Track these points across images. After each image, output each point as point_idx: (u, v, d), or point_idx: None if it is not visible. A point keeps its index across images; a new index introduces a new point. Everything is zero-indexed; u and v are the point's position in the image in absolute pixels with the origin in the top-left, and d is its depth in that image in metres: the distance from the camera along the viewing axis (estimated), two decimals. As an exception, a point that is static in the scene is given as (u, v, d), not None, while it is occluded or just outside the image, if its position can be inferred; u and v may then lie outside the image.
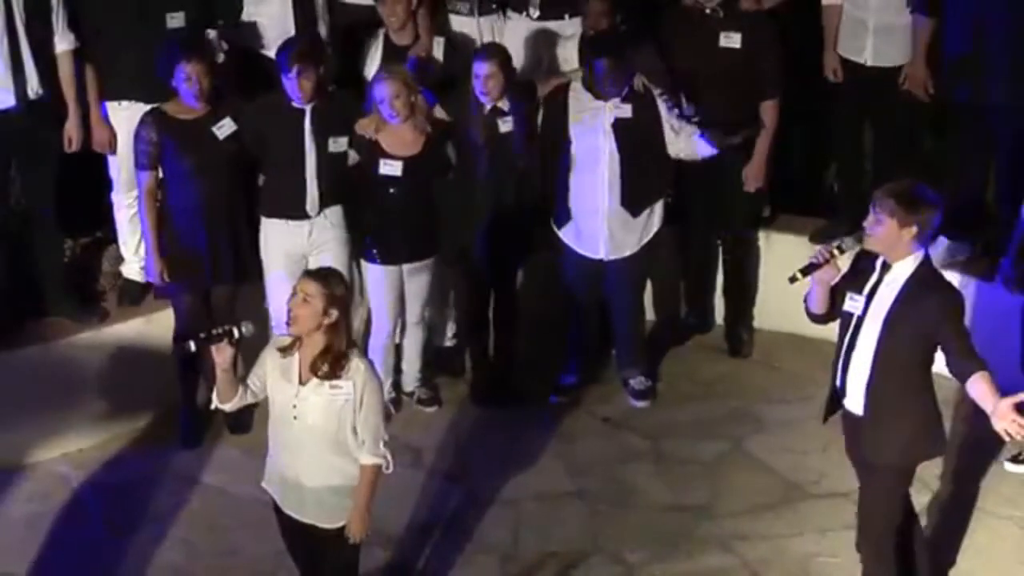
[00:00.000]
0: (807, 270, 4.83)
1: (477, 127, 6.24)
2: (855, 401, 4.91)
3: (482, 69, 6.16)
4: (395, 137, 6.13)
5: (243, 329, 4.62)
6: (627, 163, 6.27)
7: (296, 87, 5.98)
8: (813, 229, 6.93)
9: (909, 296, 4.73)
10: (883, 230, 4.69)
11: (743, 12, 6.52)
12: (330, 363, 4.61)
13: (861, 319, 4.81)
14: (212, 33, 6.22)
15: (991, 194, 6.62)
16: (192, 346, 4.71)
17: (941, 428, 4.93)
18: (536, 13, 6.83)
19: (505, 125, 6.26)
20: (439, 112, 6.31)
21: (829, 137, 7.13)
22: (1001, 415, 4.52)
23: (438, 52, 6.60)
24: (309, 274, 4.70)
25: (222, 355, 4.62)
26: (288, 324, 4.58)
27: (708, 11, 6.48)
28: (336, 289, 4.60)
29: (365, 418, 4.64)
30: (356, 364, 4.70)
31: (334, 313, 4.56)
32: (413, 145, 6.13)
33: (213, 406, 4.83)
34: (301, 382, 4.61)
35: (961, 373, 4.66)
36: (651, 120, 6.28)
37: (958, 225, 6.44)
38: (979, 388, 4.60)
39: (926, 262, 4.78)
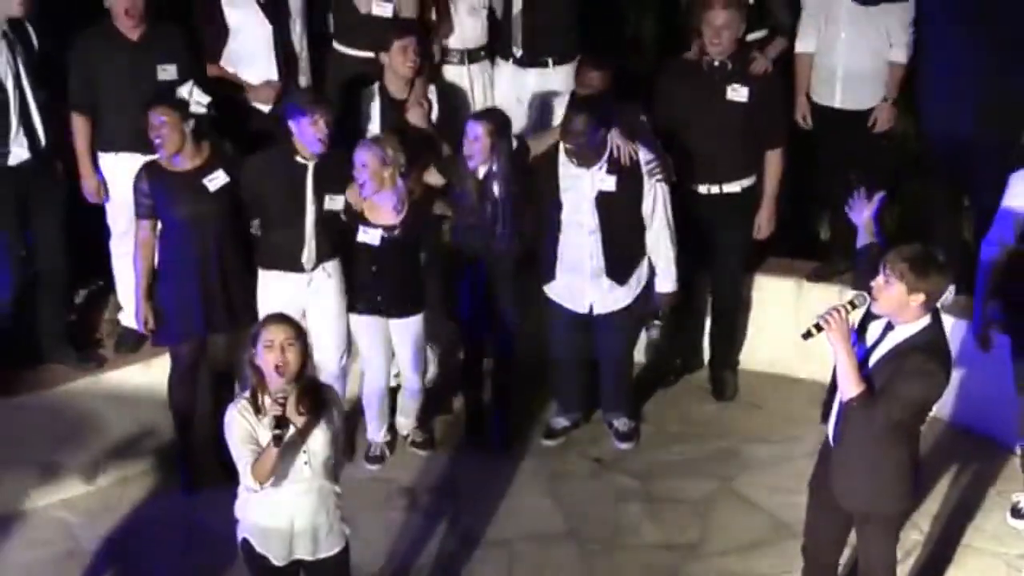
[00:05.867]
0: (820, 327, 4.66)
1: (469, 189, 6.21)
2: (831, 434, 4.94)
3: (471, 131, 6.13)
4: (375, 206, 6.14)
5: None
6: (608, 237, 6.24)
7: (317, 132, 5.96)
8: (803, 272, 6.99)
9: (897, 357, 4.67)
10: (891, 293, 4.63)
11: (750, 69, 6.51)
12: (318, 394, 4.68)
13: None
14: (185, 88, 6.23)
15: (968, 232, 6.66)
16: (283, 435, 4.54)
17: (909, 483, 4.87)
18: (519, 53, 6.86)
19: (498, 187, 6.21)
20: (433, 174, 6.31)
21: (815, 182, 7.17)
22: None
23: (434, 101, 6.60)
24: (275, 322, 4.68)
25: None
26: (281, 376, 4.56)
27: (716, 63, 6.46)
28: (297, 325, 4.68)
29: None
30: (332, 393, 4.86)
31: (305, 347, 4.66)
32: (391, 215, 6.13)
33: (255, 488, 4.67)
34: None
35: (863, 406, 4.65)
36: (635, 191, 6.20)
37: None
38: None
39: (932, 327, 4.70)
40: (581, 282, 6.37)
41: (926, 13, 6.44)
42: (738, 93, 6.46)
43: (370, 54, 6.67)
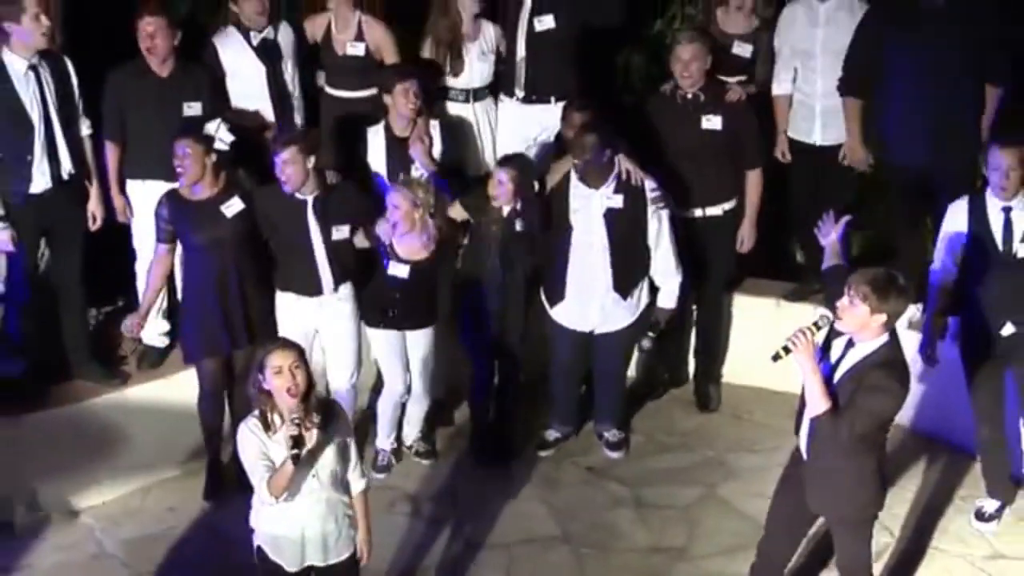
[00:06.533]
0: (788, 349, 4.85)
1: (493, 225, 6.42)
2: (803, 447, 5.15)
3: (499, 175, 6.36)
4: (406, 243, 6.33)
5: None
6: (616, 252, 6.45)
7: (280, 171, 6.13)
8: (780, 292, 7.22)
9: (859, 374, 4.87)
10: (855, 314, 4.81)
11: (724, 99, 6.76)
12: (326, 411, 4.84)
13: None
14: (213, 125, 6.44)
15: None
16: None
17: (875, 489, 5.08)
18: (521, 93, 7.10)
19: (520, 224, 6.44)
20: (457, 210, 6.50)
21: (791, 210, 7.33)
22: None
23: (436, 136, 6.78)
24: (279, 348, 4.81)
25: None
26: (293, 397, 4.72)
27: (690, 95, 6.73)
28: (299, 348, 4.86)
29: (354, 450, 5.01)
30: (338, 407, 5.03)
31: (308, 367, 4.85)
32: (421, 252, 6.35)
33: (269, 501, 4.80)
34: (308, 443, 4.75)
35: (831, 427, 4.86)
36: (640, 211, 6.43)
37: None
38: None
39: (890, 344, 4.88)
40: (588, 301, 6.56)
41: (877, 51, 6.67)
42: (712, 122, 6.72)
43: (356, 94, 6.94)
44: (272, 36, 6.89)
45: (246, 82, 6.84)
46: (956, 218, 6.01)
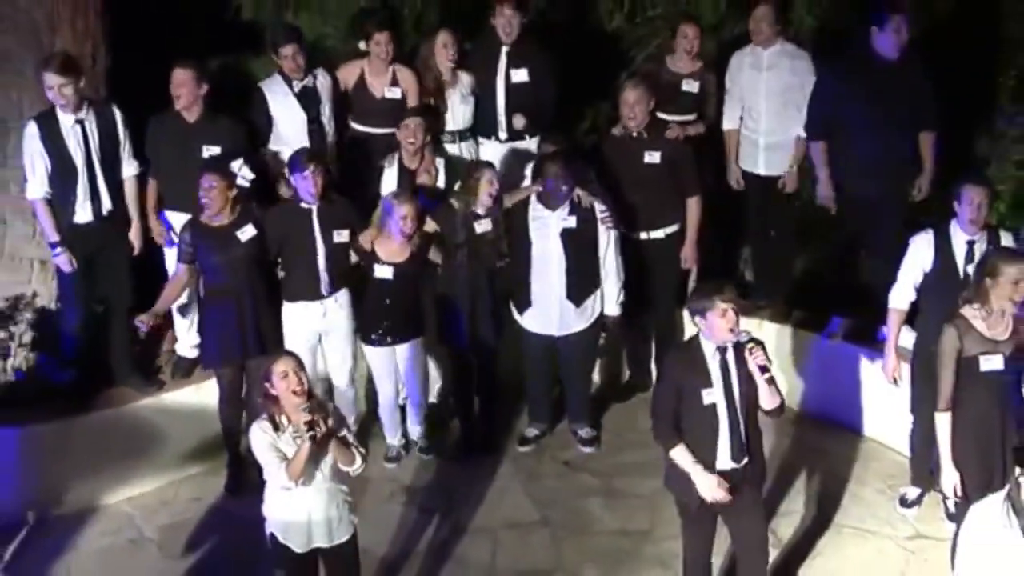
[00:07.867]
0: (768, 368, 5.49)
1: (460, 228, 6.99)
2: (740, 458, 5.63)
3: (488, 175, 6.93)
4: (388, 247, 6.91)
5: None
6: (571, 265, 7.06)
7: (310, 185, 6.69)
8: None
9: (740, 360, 5.54)
10: (737, 323, 5.48)
11: (663, 136, 7.44)
12: (325, 412, 5.31)
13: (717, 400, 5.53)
14: (236, 163, 6.97)
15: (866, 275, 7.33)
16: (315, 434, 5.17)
17: None
18: (504, 135, 7.78)
19: (480, 226, 7.03)
20: (430, 223, 7.02)
21: (741, 233, 7.99)
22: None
23: (440, 170, 7.41)
24: (282, 356, 5.33)
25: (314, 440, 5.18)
26: (299, 396, 5.24)
27: (634, 135, 7.39)
28: (297, 357, 5.37)
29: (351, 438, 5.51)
30: (335, 408, 5.51)
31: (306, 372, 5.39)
32: (402, 254, 6.91)
33: (287, 485, 5.26)
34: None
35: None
36: (592, 231, 7.07)
37: (847, 305, 7.30)
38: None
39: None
40: (548, 308, 7.13)
41: (837, 101, 7.29)
42: (653, 156, 7.38)
43: (381, 130, 7.55)
44: (312, 84, 7.48)
45: (288, 126, 7.43)
46: (921, 250, 6.38)
